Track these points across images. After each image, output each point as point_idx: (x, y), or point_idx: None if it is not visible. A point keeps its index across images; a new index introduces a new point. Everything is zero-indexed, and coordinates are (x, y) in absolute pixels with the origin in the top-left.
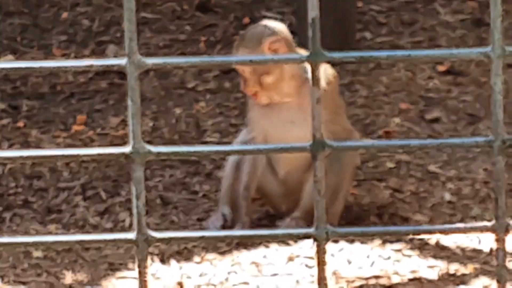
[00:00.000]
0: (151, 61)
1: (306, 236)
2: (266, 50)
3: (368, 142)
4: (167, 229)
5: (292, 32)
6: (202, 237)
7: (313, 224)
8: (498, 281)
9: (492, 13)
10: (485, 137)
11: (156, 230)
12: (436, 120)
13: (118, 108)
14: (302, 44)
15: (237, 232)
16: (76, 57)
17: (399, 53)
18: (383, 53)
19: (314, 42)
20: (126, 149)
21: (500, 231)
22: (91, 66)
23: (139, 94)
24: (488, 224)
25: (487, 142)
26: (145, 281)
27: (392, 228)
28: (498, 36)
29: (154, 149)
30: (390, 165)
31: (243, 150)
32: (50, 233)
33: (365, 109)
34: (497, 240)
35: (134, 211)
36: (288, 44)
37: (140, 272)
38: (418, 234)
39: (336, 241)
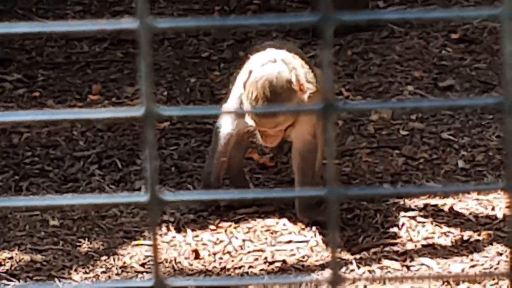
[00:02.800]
0: (162, 23)
1: (318, 199)
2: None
3: (379, 104)
4: (174, 202)
5: (305, 2)
6: (214, 200)
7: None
8: (508, 245)
9: None
10: (495, 99)
11: None
12: (449, 87)
13: (133, 77)
14: (313, 9)
15: (249, 194)
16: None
17: (410, 15)
18: (393, 15)
19: (325, 4)
20: (139, 112)
21: (510, 190)
22: (103, 30)
23: (151, 57)
24: (500, 184)
25: (497, 104)
26: (157, 243)
27: (403, 190)
28: None
29: (166, 111)
30: (404, 132)
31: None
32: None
33: (378, 77)
34: (509, 200)
35: (147, 173)
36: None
37: (152, 234)
38: (430, 196)
39: (351, 210)
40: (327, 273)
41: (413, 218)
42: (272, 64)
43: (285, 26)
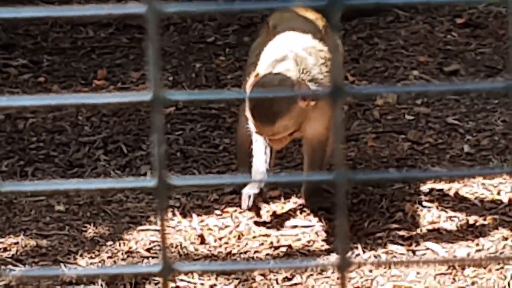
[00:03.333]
0: (170, 8)
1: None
2: (305, 106)
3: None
4: (181, 186)
5: None
6: (221, 184)
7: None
8: None
9: None
10: (502, 83)
11: None
12: (454, 72)
13: (139, 62)
14: None
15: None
16: (96, 14)
17: (416, 0)
18: (399, 0)
19: None
20: (147, 96)
21: None
22: (110, 14)
23: (159, 42)
24: (506, 169)
25: (504, 88)
26: (165, 228)
27: (409, 174)
28: None
29: (173, 96)
30: (409, 117)
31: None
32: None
33: (383, 61)
34: None
35: (155, 157)
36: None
37: (160, 218)
38: (435, 181)
39: (357, 195)
40: (332, 258)
41: (419, 203)
42: (280, 65)
43: None
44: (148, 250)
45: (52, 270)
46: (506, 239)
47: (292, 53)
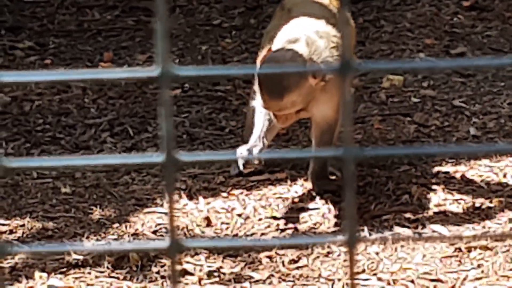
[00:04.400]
0: None
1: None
2: (315, 84)
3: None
4: (194, 165)
5: None
6: (228, 160)
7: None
8: None
9: None
10: (509, 59)
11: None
12: (461, 55)
13: (145, 45)
14: None
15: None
16: None
17: None
18: None
19: None
20: (155, 72)
21: None
22: None
23: (167, 19)
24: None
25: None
26: (173, 205)
27: (417, 150)
28: None
29: (181, 71)
30: (415, 100)
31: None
32: (77, 170)
33: (390, 44)
34: None
35: (163, 133)
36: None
37: (168, 195)
38: (441, 164)
39: (363, 178)
40: (339, 238)
41: (425, 185)
42: (291, 45)
43: None
44: (154, 232)
45: (59, 246)
46: None
47: (304, 35)
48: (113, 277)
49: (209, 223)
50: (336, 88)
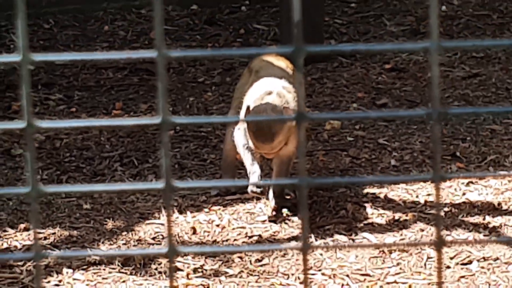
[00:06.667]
0: (175, 53)
1: (292, 185)
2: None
3: (335, 115)
4: (183, 188)
5: (276, 40)
6: (214, 186)
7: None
8: (435, 225)
9: (431, 16)
10: (425, 110)
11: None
12: (383, 105)
13: (146, 97)
14: (284, 44)
15: (243, 182)
16: (115, 60)
17: (361, 47)
18: (348, 47)
19: (297, 39)
20: (157, 120)
21: (436, 180)
22: (129, 58)
23: (166, 79)
24: (428, 175)
25: (426, 115)
26: (171, 219)
27: (352, 180)
28: (436, 33)
29: (177, 120)
30: (350, 138)
31: (238, 120)
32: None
33: (331, 97)
34: (435, 188)
35: (163, 166)
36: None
37: (166, 213)
38: (370, 186)
39: (310, 197)
40: (293, 243)
41: (357, 203)
42: (267, 97)
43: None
44: (153, 238)
45: (81, 252)
46: (422, 230)
47: (275, 89)
48: (122, 272)
49: (194, 232)
50: (296, 130)
